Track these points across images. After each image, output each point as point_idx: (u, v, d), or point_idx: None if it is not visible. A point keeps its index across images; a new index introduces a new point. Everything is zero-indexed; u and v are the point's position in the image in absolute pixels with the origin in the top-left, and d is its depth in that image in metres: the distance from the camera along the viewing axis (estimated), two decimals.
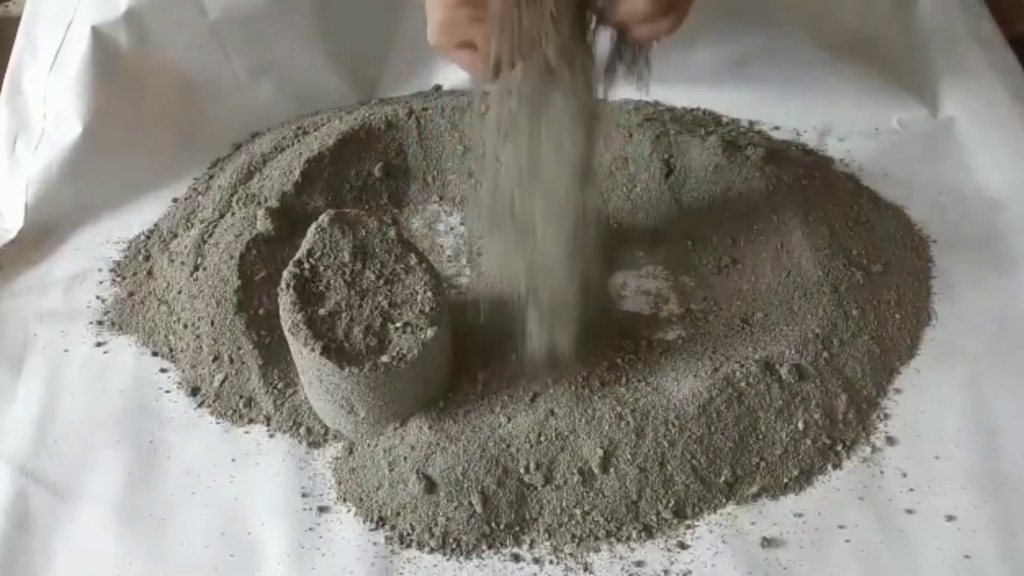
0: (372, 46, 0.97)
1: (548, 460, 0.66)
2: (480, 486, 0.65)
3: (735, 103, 0.95)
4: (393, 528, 0.65)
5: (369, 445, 0.69)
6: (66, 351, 0.77)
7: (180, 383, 0.74)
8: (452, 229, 0.85)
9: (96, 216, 0.87)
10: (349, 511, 0.67)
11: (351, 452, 0.69)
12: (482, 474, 0.65)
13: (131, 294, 0.81)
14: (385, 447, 0.68)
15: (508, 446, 0.66)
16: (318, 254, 0.68)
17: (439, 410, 0.69)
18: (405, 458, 0.67)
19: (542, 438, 0.66)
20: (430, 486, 0.65)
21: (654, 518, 0.65)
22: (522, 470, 0.66)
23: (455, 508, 0.65)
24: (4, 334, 0.78)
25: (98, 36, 0.88)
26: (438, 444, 0.67)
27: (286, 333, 0.66)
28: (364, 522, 0.66)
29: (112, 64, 0.89)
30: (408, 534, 0.65)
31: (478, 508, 0.64)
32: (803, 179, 0.84)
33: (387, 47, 0.96)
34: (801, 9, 0.93)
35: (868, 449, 0.69)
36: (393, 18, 0.95)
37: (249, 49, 0.93)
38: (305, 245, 0.68)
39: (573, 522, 0.65)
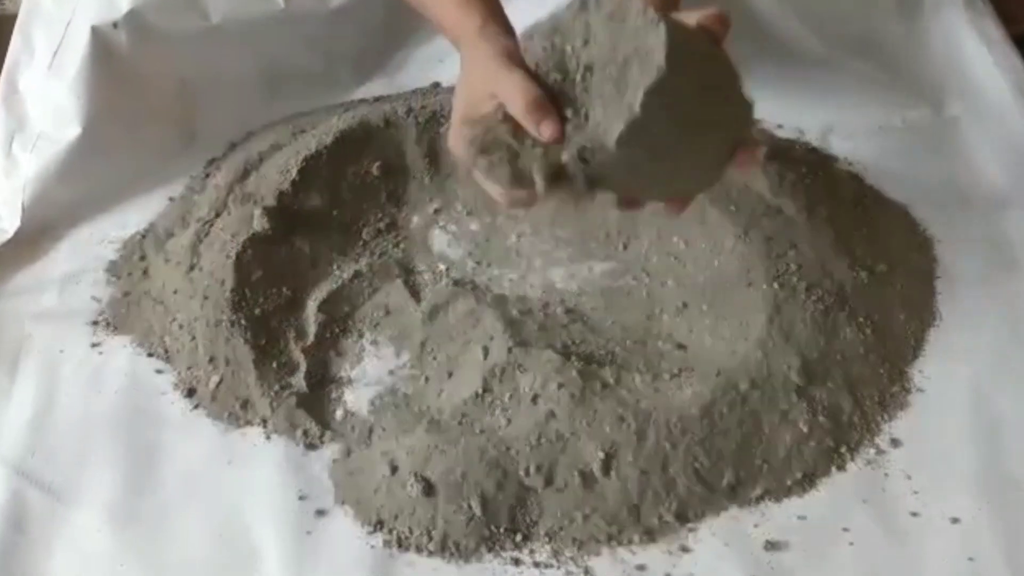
0: (371, 45, 0.97)
1: (549, 463, 0.65)
2: (480, 489, 0.64)
3: None
4: (391, 531, 0.65)
5: (367, 448, 0.68)
6: (61, 352, 0.76)
7: (176, 384, 0.74)
8: (451, 227, 0.84)
9: (92, 215, 0.87)
10: (347, 514, 0.66)
11: (349, 454, 0.69)
12: (481, 477, 0.65)
13: (126, 294, 0.80)
14: (383, 449, 0.68)
15: (508, 448, 0.66)
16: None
17: (438, 412, 0.69)
18: (403, 461, 0.66)
19: (542, 440, 0.66)
20: (428, 489, 0.65)
21: (656, 521, 0.64)
22: (522, 473, 0.65)
23: (454, 511, 0.64)
24: None
25: (97, 36, 0.88)
26: (436, 447, 0.66)
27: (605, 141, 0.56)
28: (362, 525, 0.65)
29: (110, 65, 0.89)
30: (406, 537, 0.64)
31: (477, 511, 0.64)
32: (806, 178, 0.83)
33: (386, 46, 0.96)
34: (804, 7, 0.93)
35: (872, 451, 0.69)
36: (392, 18, 0.95)
37: (249, 51, 0.93)
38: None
39: (574, 525, 0.64)
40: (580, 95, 0.57)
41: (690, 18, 0.61)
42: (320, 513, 0.66)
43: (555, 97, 0.57)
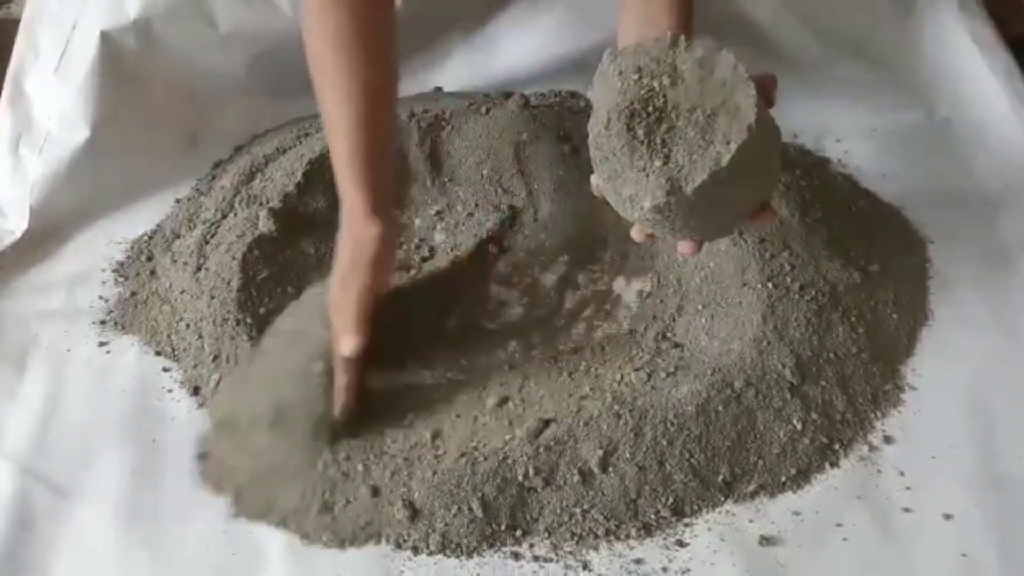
0: None
1: (548, 466, 0.66)
2: (480, 493, 0.65)
3: None
4: (388, 540, 0.65)
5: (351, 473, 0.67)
6: (69, 351, 0.77)
7: (182, 382, 0.75)
8: (453, 228, 0.85)
9: (99, 216, 0.87)
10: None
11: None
12: (480, 483, 0.65)
13: (134, 294, 0.81)
14: (363, 467, 0.67)
15: (506, 458, 0.66)
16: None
17: (428, 433, 0.69)
18: (387, 485, 0.66)
19: (541, 450, 0.66)
20: (414, 514, 0.65)
21: (653, 516, 0.65)
22: (521, 477, 0.66)
23: (454, 515, 0.65)
24: (7, 334, 0.78)
25: (107, 41, 0.88)
26: (421, 471, 0.66)
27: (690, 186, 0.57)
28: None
29: (119, 68, 0.89)
30: (404, 541, 0.65)
31: (478, 513, 0.64)
32: (801, 180, 0.84)
33: None
34: (799, 11, 0.93)
35: (866, 448, 0.69)
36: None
37: (255, 59, 0.93)
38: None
39: (573, 520, 0.65)
40: (663, 135, 0.58)
41: None
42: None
43: (634, 123, 0.58)
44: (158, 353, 0.77)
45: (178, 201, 0.89)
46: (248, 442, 0.68)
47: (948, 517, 0.65)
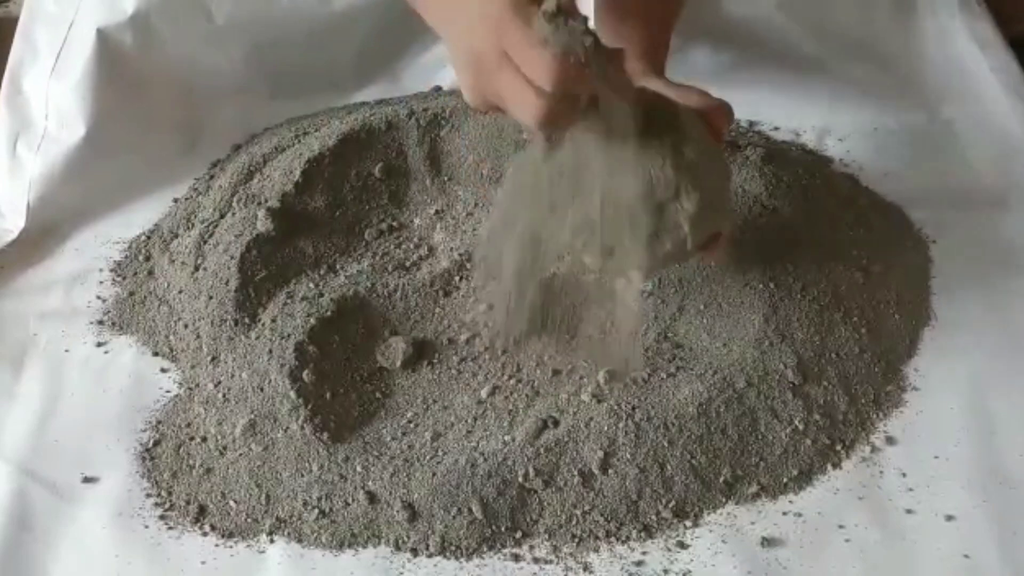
0: (373, 49, 0.98)
1: (549, 468, 0.66)
2: (479, 495, 0.65)
3: (735, 103, 0.94)
4: (387, 542, 0.65)
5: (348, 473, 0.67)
6: (67, 351, 0.77)
7: (180, 383, 0.74)
8: (453, 228, 0.85)
9: (97, 216, 0.87)
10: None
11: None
12: (479, 485, 0.65)
13: (132, 294, 0.81)
14: (362, 469, 0.67)
15: (505, 459, 0.66)
16: None
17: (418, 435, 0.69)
18: (386, 487, 0.66)
19: (541, 451, 0.66)
20: (414, 516, 0.64)
21: (654, 518, 0.65)
22: (521, 478, 0.65)
23: (454, 516, 0.64)
24: (5, 334, 0.78)
25: (103, 38, 0.88)
26: (431, 472, 0.66)
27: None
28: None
29: (116, 66, 0.89)
30: (403, 543, 0.64)
31: (478, 515, 0.64)
32: (803, 179, 0.84)
33: (387, 50, 0.96)
34: (800, 10, 0.93)
35: (867, 449, 0.69)
36: (394, 22, 0.96)
37: (253, 52, 0.93)
38: None
39: (573, 522, 0.65)
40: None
41: (690, 98, 0.63)
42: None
43: None
44: (156, 353, 0.77)
45: (176, 201, 0.89)
46: None
47: (950, 518, 0.65)
